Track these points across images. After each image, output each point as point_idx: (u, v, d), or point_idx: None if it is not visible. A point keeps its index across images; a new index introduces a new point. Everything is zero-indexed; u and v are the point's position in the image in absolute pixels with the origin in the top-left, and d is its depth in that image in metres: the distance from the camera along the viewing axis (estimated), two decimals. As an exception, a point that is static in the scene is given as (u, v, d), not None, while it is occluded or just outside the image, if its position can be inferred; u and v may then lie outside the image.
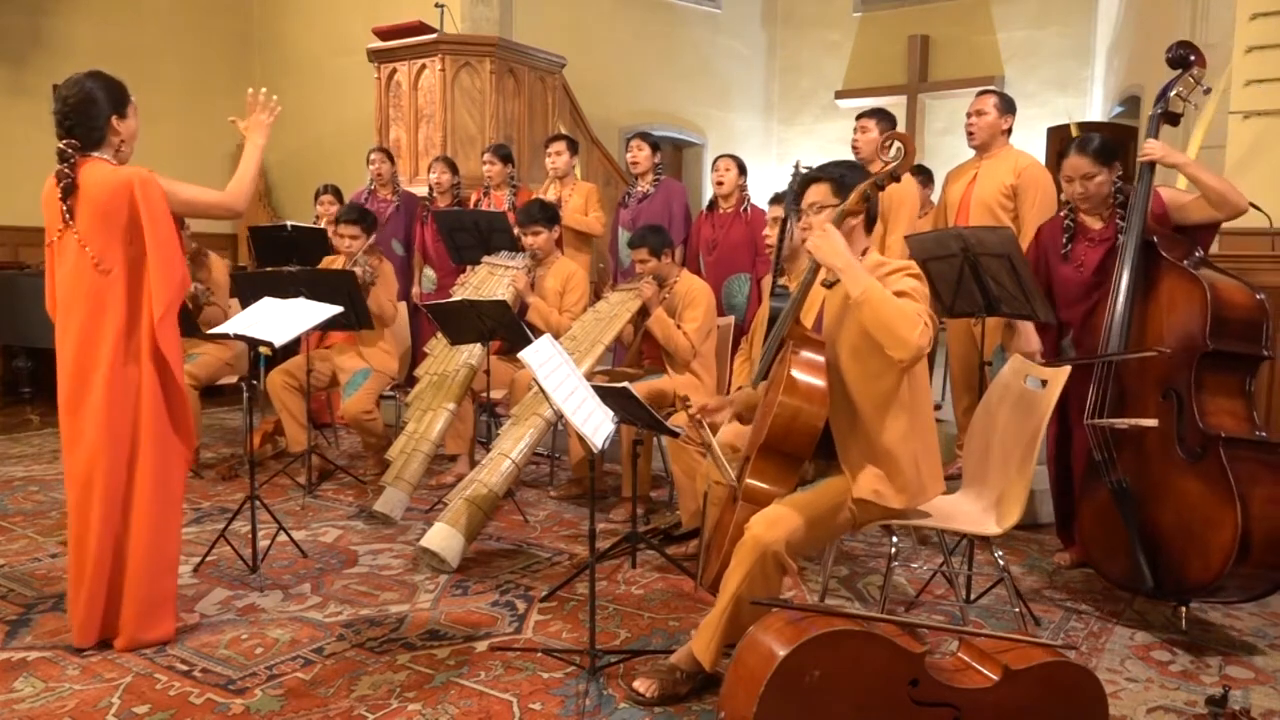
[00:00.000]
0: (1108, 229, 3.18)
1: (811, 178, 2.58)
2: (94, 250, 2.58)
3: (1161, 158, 3.03)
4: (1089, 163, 3.13)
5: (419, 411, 4.01)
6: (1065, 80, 9.04)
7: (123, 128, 2.68)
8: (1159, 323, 2.91)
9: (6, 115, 6.94)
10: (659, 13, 9.57)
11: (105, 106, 2.63)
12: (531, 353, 2.53)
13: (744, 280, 4.85)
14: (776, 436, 2.35)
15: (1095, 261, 3.18)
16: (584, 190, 5.37)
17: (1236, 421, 2.79)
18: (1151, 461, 2.87)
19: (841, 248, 2.29)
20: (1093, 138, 3.21)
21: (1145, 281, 2.96)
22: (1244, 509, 2.64)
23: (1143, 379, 2.94)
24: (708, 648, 2.35)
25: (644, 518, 3.90)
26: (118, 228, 2.59)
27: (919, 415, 2.46)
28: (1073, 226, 3.28)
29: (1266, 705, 2.46)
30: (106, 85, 2.65)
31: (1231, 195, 3.00)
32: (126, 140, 2.70)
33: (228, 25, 8.26)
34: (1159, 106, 3.16)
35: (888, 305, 2.21)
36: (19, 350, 6.60)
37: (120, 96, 2.68)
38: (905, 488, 2.43)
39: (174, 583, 2.78)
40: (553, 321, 4.30)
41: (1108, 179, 3.15)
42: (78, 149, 2.61)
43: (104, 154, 2.66)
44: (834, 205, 2.48)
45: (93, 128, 2.62)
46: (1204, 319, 2.78)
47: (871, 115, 4.44)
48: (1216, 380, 2.82)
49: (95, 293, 2.60)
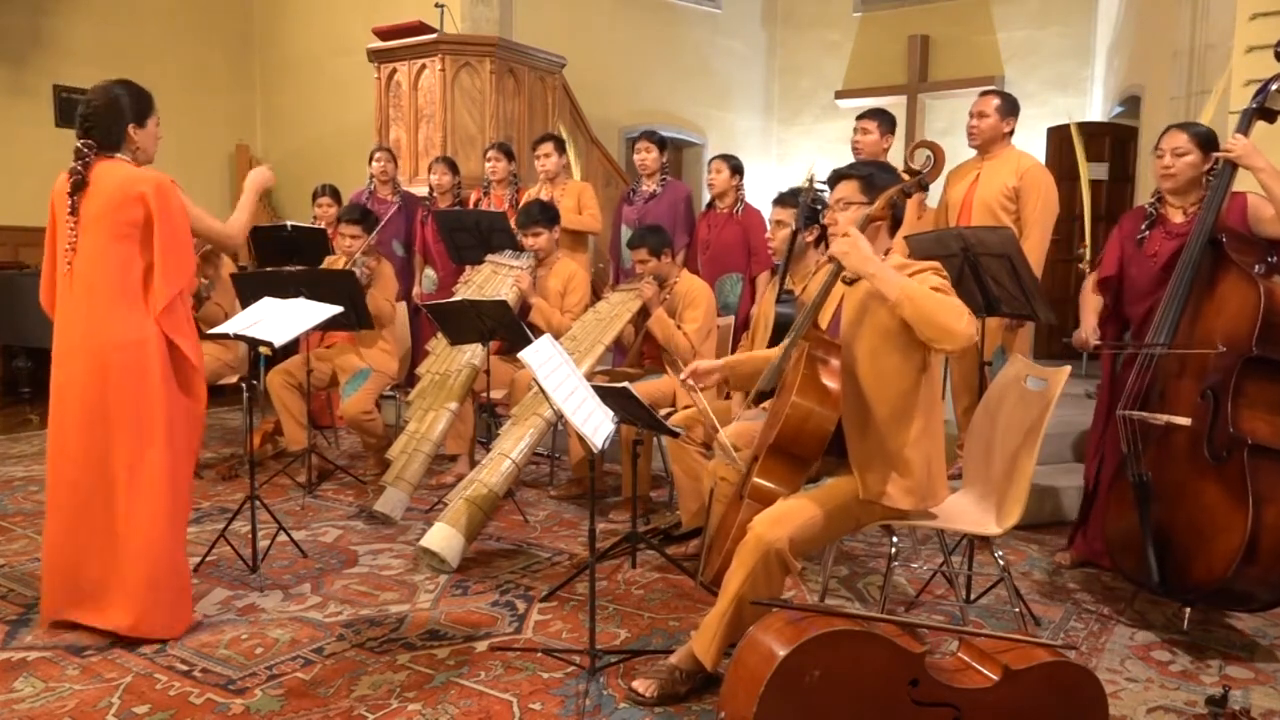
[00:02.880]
0: (1188, 224, 3.07)
1: (842, 174, 2.59)
2: (88, 242, 2.67)
3: (1240, 156, 2.89)
4: (1185, 139, 3.06)
5: (421, 411, 4.01)
6: (1065, 80, 9.03)
7: (139, 137, 2.79)
8: (1209, 322, 2.86)
9: (6, 115, 6.94)
10: (659, 13, 9.56)
11: (127, 114, 2.76)
12: (531, 353, 2.53)
13: (736, 280, 4.85)
14: (787, 438, 2.36)
15: (1168, 255, 3.08)
16: (575, 190, 5.35)
17: (1270, 431, 2.73)
18: (1177, 459, 2.85)
19: (869, 253, 2.28)
20: (1199, 123, 3.12)
21: (1206, 279, 2.90)
22: (1256, 516, 2.62)
23: (1183, 376, 2.91)
24: (709, 647, 2.35)
25: (644, 518, 3.90)
26: (128, 224, 2.68)
27: (933, 418, 2.46)
28: (1154, 215, 3.20)
29: (1266, 705, 2.46)
30: (132, 94, 2.79)
31: None
32: (142, 149, 2.81)
33: (228, 25, 8.26)
34: (1256, 101, 2.97)
35: (929, 300, 2.20)
36: (19, 350, 6.60)
37: (143, 107, 2.80)
38: (914, 490, 2.43)
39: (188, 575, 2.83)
40: (555, 322, 4.30)
41: (1198, 162, 3.06)
42: (93, 149, 2.72)
43: (123, 155, 2.76)
44: (860, 203, 2.48)
45: (110, 131, 2.74)
46: (1254, 323, 2.73)
47: (873, 116, 4.43)
48: (1258, 387, 2.77)
49: (105, 283, 2.68)
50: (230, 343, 4.57)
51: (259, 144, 8.51)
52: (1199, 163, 3.06)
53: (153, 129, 2.82)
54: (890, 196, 2.43)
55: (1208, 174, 3.06)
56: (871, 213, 2.42)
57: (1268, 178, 2.88)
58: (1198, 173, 3.07)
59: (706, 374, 2.74)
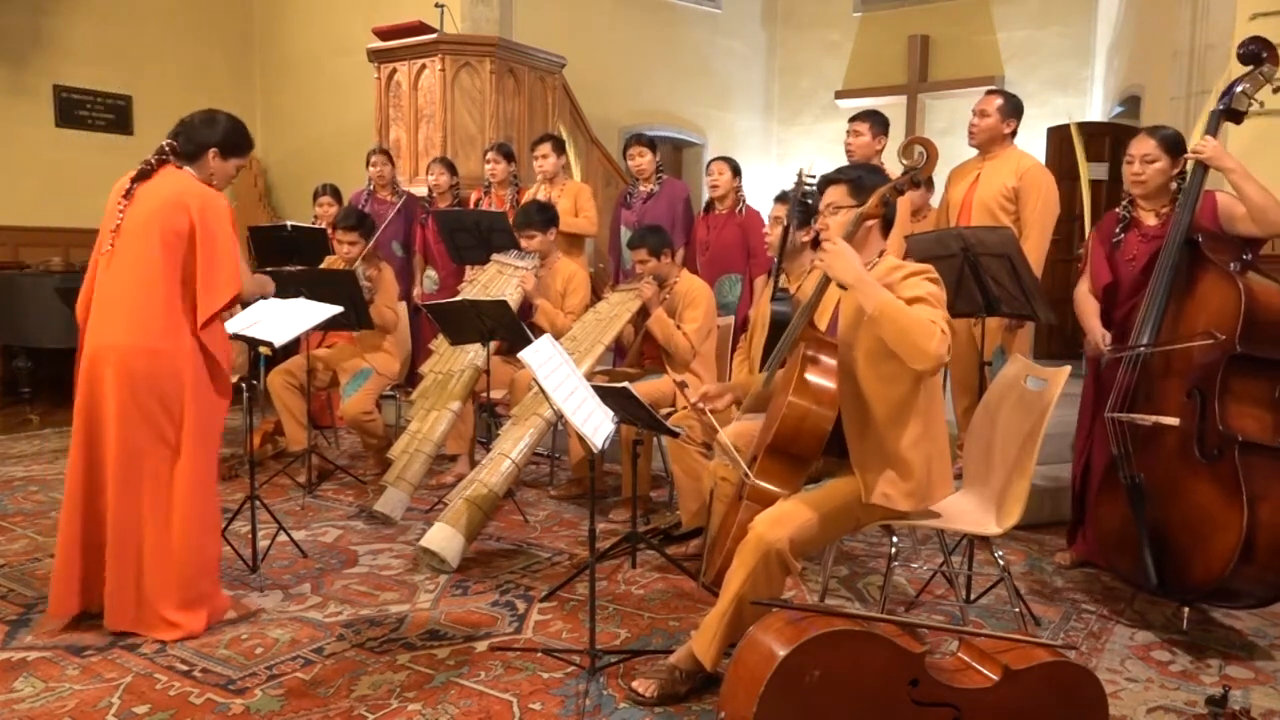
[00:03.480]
0: (1162, 226, 3.12)
1: (830, 179, 2.58)
2: (135, 245, 2.70)
3: (1210, 158, 2.95)
4: (1153, 145, 3.11)
5: (423, 410, 4.01)
6: (1065, 80, 9.03)
7: (216, 166, 2.83)
8: (1192, 321, 2.88)
9: (6, 115, 6.93)
10: (659, 13, 9.56)
11: (217, 138, 2.80)
12: (532, 353, 2.53)
13: (735, 280, 4.86)
14: (785, 438, 2.35)
15: (1146, 257, 3.12)
16: (572, 191, 5.34)
17: (1259, 428, 2.75)
18: (1168, 460, 2.86)
19: (853, 262, 2.27)
20: (1166, 127, 3.17)
21: (1185, 279, 2.92)
22: (1251, 514, 2.63)
23: (1169, 376, 2.92)
24: (709, 648, 2.35)
25: (644, 518, 3.90)
26: (173, 233, 2.69)
27: (933, 419, 2.46)
28: (1128, 218, 3.24)
29: (1266, 705, 2.46)
30: (233, 128, 2.84)
31: (1271, 212, 2.92)
32: (216, 176, 2.84)
33: (228, 25, 8.25)
34: (1222, 103, 3.04)
35: (904, 317, 2.19)
36: (19, 350, 6.60)
37: (237, 144, 2.85)
38: (914, 491, 2.43)
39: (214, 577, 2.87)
40: (559, 324, 4.29)
41: (1167, 168, 3.11)
42: (173, 151, 2.76)
43: (194, 171, 2.80)
44: (850, 206, 2.47)
45: (192, 143, 2.78)
46: (1236, 320, 2.75)
47: (865, 118, 4.39)
48: (1243, 384, 2.79)
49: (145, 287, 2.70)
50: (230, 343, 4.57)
51: (259, 144, 8.46)
52: (1168, 168, 3.12)
53: (231, 168, 2.86)
54: (883, 194, 2.42)
55: (1176, 176, 3.12)
56: (865, 210, 2.42)
57: (1239, 178, 2.95)
58: (1167, 177, 3.13)
59: (717, 397, 2.75)
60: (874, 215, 2.44)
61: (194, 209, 2.68)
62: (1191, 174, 3.00)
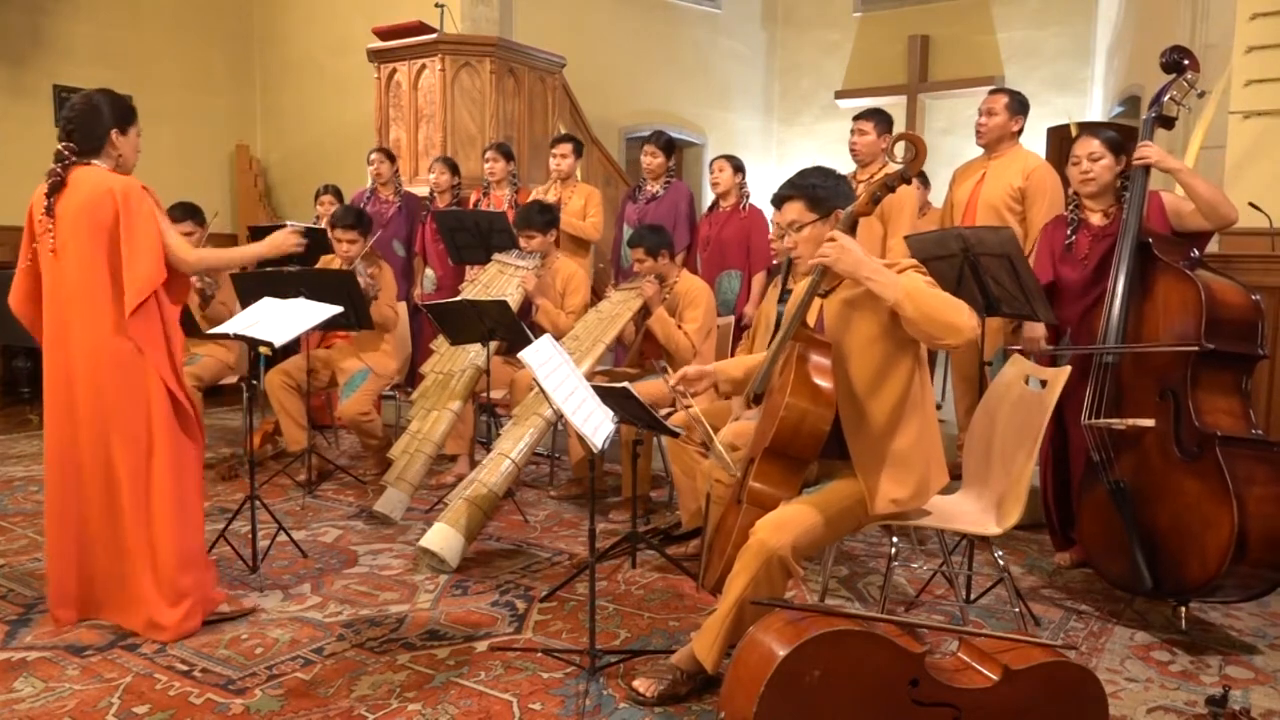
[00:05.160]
0: (1111, 225, 3.21)
1: (783, 195, 2.50)
2: (73, 246, 2.70)
3: (1156, 161, 3.05)
4: (1098, 144, 3.21)
5: (423, 410, 4.01)
6: (1065, 80, 9.04)
7: (121, 143, 2.80)
8: (1155, 324, 2.94)
9: (6, 115, 6.93)
10: (659, 13, 9.57)
11: (108, 120, 2.76)
12: (532, 353, 2.53)
13: (734, 277, 4.85)
14: (783, 439, 2.34)
15: (1098, 256, 3.20)
16: (584, 193, 5.35)
17: (1233, 420, 2.80)
18: (1149, 462, 2.88)
19: (861, 255, 2.25)
20: (1108, 128, 3.27)
21: (1141, 283, 2.98)
22: (1241, 508, 2.64)
23: (1139, 379, 2.95)
24: (710, 650, 2.34)
25: (644, 518, 3.90)
26: (102, 229, 2.69)
27: (927, 413, 2.46)
28: (1076, 220, 3.31)
29: (1266, 705, 2.46)
30: (113, 101, 2.80)
31: (1222, 206, 3.03)
32: (125, 155, 2.83)
33: (228, 25, 8.26)
34: (1153, 110, 3.17)
35: (930, 297, 2.19)
36: (19, 350, 6.61)
37: (125, 114, 2.81)
38: (916, 489, 2.43)
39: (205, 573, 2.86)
40: (560, 324, 4.29)
41: (1112, 165, 3.21)
42: (74, 153, 2.74)
43: (102, 163, 2.77)
44: (813, 221, 2.44)
45: (91, 137, 2.75)
46: (1199, 319, 2.80)
47: (869, 116, 4.39)
48: (1213, 380, 2.84)
49: (93, 286, 2.69)
50: (230, 343, 4.57)
51: (259, 144, 8.51)
52: (1113, 165, 3.22)
53: (134, 138, 2.84)
54: (873, 191, 2.41)
55: (1121, 175, 3.22)
56: (856, 209, 2.41)
57: (1186, 176, 3.09)
58: (1114, 174, 3.23)
59: (695, 380, 2.68)
60: (866, 213, 2.43)
61: (117, 194, 2.67)
62: (1134, 178, 3.09)
